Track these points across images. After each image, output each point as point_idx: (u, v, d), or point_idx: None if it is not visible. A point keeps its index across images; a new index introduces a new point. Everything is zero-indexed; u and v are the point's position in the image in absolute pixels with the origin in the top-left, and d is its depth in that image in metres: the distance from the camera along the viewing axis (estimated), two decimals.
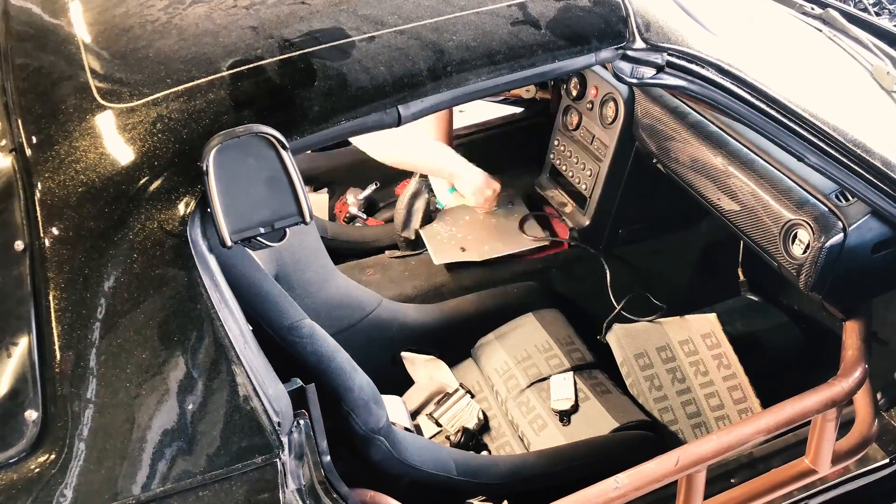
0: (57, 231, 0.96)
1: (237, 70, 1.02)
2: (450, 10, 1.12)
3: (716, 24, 1.33)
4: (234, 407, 1.00)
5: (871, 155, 1.31)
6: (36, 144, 1.02)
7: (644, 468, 1.26)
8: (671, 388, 1.81)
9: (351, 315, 1.80)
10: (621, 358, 1.89)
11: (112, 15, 1.16)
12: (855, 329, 1.50)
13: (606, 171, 2.02)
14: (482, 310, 1.99)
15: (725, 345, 1.76)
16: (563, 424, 1.73)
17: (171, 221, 0.97)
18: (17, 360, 0.94)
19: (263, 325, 1.28)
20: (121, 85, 1.04)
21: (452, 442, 1.76)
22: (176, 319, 0.97)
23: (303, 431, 1.10)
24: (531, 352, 1.86)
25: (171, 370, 0.97)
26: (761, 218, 1.55)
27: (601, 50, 1.16)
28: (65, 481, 0.94)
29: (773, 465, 1.45)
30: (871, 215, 1.40)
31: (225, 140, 0.93)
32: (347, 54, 1.05)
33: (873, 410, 1.47)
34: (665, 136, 1.78)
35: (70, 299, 0.94)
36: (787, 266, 1.50)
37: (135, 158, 0.98)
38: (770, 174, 1.54)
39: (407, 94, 1.06)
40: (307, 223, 0.99)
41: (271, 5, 1.12)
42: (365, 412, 1.34)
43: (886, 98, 1.58)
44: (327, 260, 1.82)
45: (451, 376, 1.89)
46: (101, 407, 0.95)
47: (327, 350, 1.34)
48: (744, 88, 1.24)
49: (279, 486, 1.04)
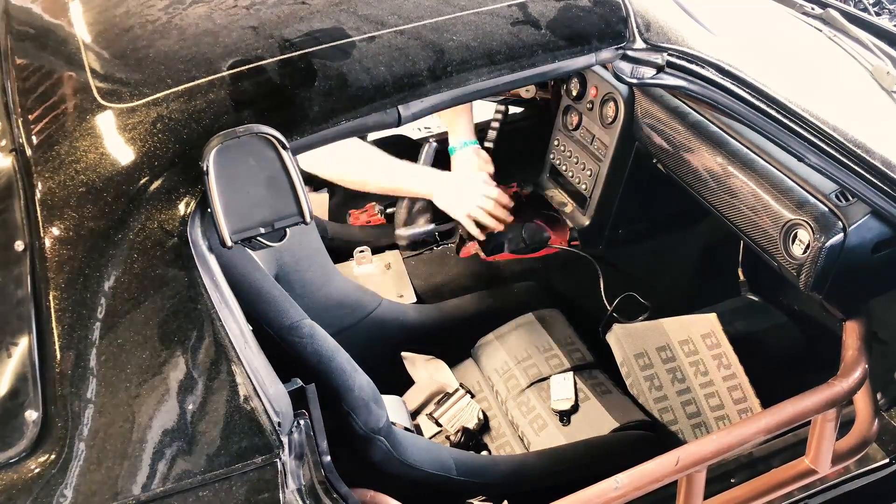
0: (57, 231, 0.96)
1: (237, 70, 1.02)
2: (450, 10, 1.12)
3: (716, 24, 1.33)
4: (235, 407, 1.00)
5: (872, 155, 1.31)
6: (36, 144, 1.02)
7: (644, 468, 1.26)
8: (671, 388, 1.81)
9: (351, 315, 1.80)
10: (621, 358, 1.89)
11: (112, 15, 1.16)
12: (855, 329, 1.50)
13: (606, 171, 2.02)
14: (482, 310, 1.99)
15: (725, 345, 1.76)
16: (563, 424, 1.73)
17: (172, 221, 0.97)
18: (17, 360, 0.94)
19: (263, 325, 1.28)
20: (121, 85, 1.04)
21: (452, 442, 1.76)
22: (176, 319, 0.97)
23: (303, 431, 1.10)
24: (531, 352, 1.87)
25: (171, 370, 0.97)
26: (761, 218, 1.55)
27: (601, 50, 1.16)
28: (65, 481, 0.94)
29: (773, 465, 1.45)
30: (871, 215, 1.40)
31: (225, 140, 0.93)
32: (347, 54, 1.05)
33: (873, 410, 1.47)
34: (665, 136, 1.78)
35: (70, 299, 0.94)
36: (787, 266, 1.50)
37: (135, 158, 0.98)
38: (770, 174, 1.54)
39: (407, 94, 1.06)
40: (307, 223, 0.99)
41: (271, 5, 1.12)
42: (365, 412, 1.34)
43: (886, 98, 1.58)
44: (327, 260, 1.82)
45: (451, 376, 1.89)
46: (101, 407, 0.95)
47: (327, 350, 1.34)
48: (744, 88, 1.24)
49: (279, 486, 1.04)
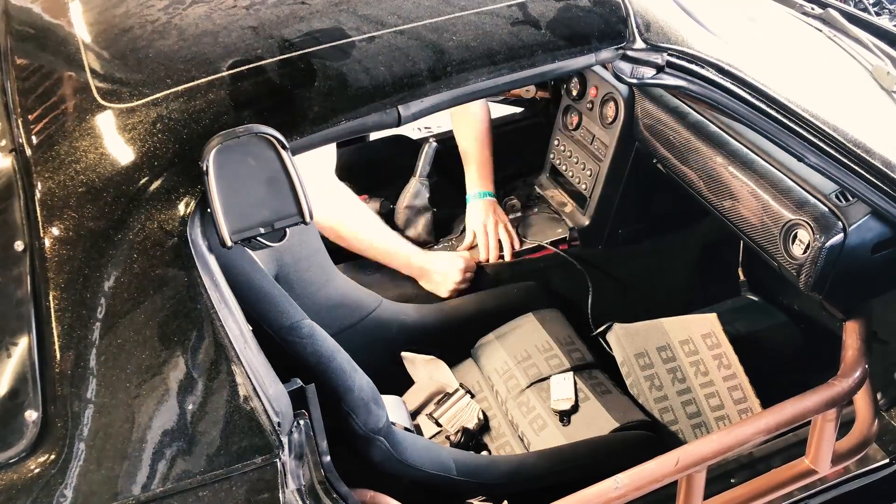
0: (57, 231, 0.96)
1: (237, 70, 1.02)
2: (450, 10, 1.12)
3: (716, 24, 1.33)
4: (234, 407, 1.00)
5: (872, 155, 1.31)
6: (36, 144, 1.02)
7: (644, 468, 1.26)
8: (671, 388, 1.81)
9: (351, 315, 1.80)
10: (621, 358, 1.89)
11: (112, 15, 1.16)
12: (855, 329, 1.50)
13: (606, 171, 2.02)
14: (482, 310, 1.99)
15: (725, 345, 1.76)
16: (563, 424, 1.73)
17: (171, 221, 0.97)
18: (17, 360, 0.94)
19: (263, 325, 1.28)
20: (121, 85, 1.04)
21: (452, 442, 1.76)
22: (176, 319, 0.97)
23: (303, 431, 1.10)
24: (531, 352, 1.86)
25: (170, 370, 0.97)
26: (761, 218, 1.55)
27: (601, 50, 1.16)
28: (65, 481, 0.94)
29: (773, 465, 1.45)
30: (871, 215, 1.40)
31: (225, 140, 0.93)
32: (347, 54, 1.05)
33: (873, 410, 1.47)
34: (665, 136, 1.78)
35: (70, 299, 0.94)
36: (787, 266, 1.50)
37: (135, 158, 0.98)
38: (770, 174, 1.54)
39: (407, 94, 1.06)
40: (307, 223, 0.99)
41: (271, 5, 1.12)
42: (365, 412, 1.34)
43: (886, 98, 1.58)
44: (327, 260, 1.82)
45: (451, 376, 1.89)
46: (101, 407, 0.95)
47: (327, 350, 1.34)
48: (744, 88, 1.24)
49: (279, 487, 1.04)
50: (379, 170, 2.10)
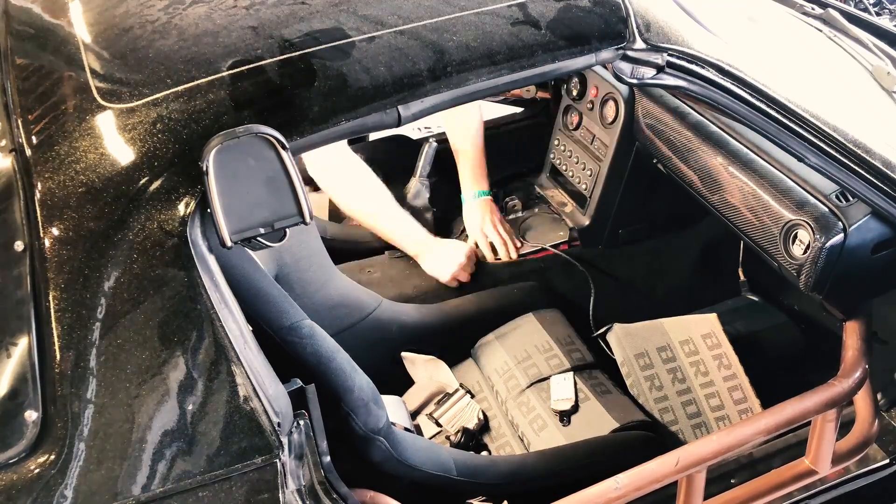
0: (57, 231, 0.96)
1: (237, 70, 1.02)
2: (450, 10, 1.12)
3: (716, 24, 1.33)
4: (234, 407, 1.00)
5: (872, 155, 1.31)
6: (36, 144, 1.02)
7: (644, 468, 1.26)
8: (671, 388, 1.81)
9: (351, 315, 1.80)
10: (621, 358, 1.89)
11: (112, 15, 1.16)
12: (855, 329, 1.50)
13: (606, 171, 2.02)
14: (482, 310, 1.99)
15: (726, 345, 1.76)
16: (563, 425, 1.73)
17: (171, 222, 0.97)
18: (17, 360, 0.94)
19: (263, 326, 1.28)
20: (121, 85, 1.04)
21: (452, 442, 1.76)
22: (176, 320, 0.97)
23: (303, 432, 1.10)
24: (531, 352, 1.86)
25: (170, 370, 0.97)
26: (761, 218, 1.55)
27: (601, 50, 1.16)
28: (65, 482, 0.94)
29: (773, 465, 1.45)
30: (871, 215, 1.40)
31: (225, 140, 0.93)
32: (347, 54, 1.05)
33: (873, 411, 1.47)
34: (665, 137, 1.78)
35: (70, 299, 0.94)
36: (787, 266, 1.50)
37: (135, 159, 0.98)
38: (770, 174, 1.54)
39: (407, 94, 1.06)
40: (307, 223, 0.99)
41: (271, 5, 1.12)
42: (365, 412, 1.34)
43: (886, 98, 1.58)
44: (327, 260, 1.82)
45: (451, 376, 1.89)
46: (101, 407, 0.95)
47: (327, 350, 1.34)
48: (744, 89, 1.24)
49: (279, 487, 1.04)
50: (379, 170, 2.10)
